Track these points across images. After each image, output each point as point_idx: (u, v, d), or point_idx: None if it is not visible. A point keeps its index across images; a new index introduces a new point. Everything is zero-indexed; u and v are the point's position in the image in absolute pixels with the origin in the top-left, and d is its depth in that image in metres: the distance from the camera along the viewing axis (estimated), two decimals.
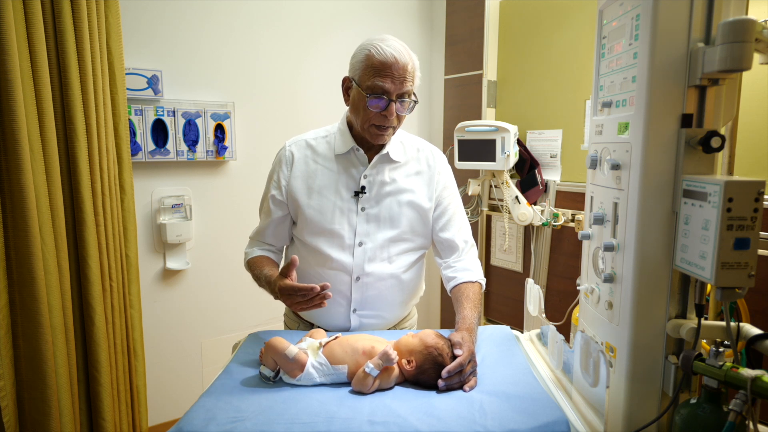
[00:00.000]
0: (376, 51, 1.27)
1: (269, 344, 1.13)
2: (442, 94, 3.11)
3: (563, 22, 2.30)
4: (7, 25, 1.66)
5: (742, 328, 0.89)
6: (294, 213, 1.45)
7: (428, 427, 0.92)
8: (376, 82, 1.27)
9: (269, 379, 1.12)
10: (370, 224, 1.39)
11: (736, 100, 0.88)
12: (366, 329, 1.42)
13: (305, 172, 1.42)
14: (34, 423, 1.83)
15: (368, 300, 1.40)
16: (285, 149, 1.47)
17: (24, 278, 1.78)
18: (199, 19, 2.38)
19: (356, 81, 1.32)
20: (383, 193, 1.40)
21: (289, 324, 1.56)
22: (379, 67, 1.27)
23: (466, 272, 1.42)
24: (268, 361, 1.13)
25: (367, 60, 1.29)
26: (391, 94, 1.28)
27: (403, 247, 1.42)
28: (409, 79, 1.30)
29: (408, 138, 1.50)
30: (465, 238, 1.47)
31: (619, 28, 0.95)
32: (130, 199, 2.14)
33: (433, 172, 1.46)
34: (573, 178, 2.35)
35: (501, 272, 2.74)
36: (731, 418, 0.74)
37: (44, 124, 1.82)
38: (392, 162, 1.42)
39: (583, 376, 1.02)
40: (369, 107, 1.30)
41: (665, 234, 0.87)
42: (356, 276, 1.38)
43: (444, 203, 1.46)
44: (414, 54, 1.34)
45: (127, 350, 2.16)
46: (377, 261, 1.39)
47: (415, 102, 1.35)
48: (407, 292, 1.47)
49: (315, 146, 1.45)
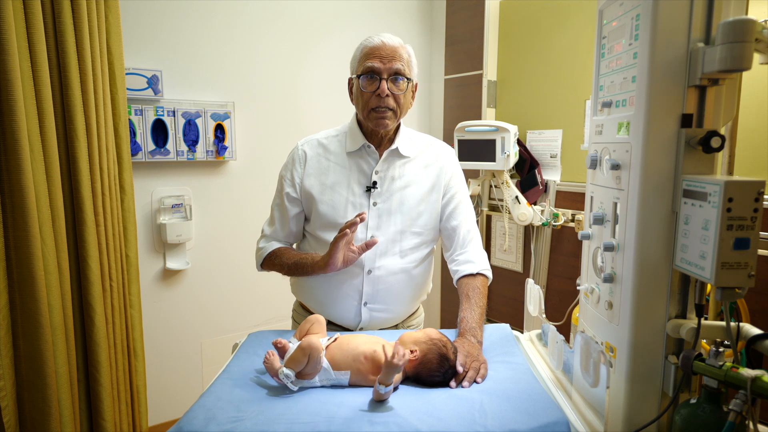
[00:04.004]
0: (368, 41, 1.39)
1: (312, 345, 1.06)
2: (442, 94, 3.11)
3: (563, 22, 2.30)
4: (7, 25, 1.66)
5: (742, 328, 0.89)
6: (308, 209, 1.49)
7: (428, 427, 0.92)
8: (366, 63, 1.36)
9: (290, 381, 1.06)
10: (382, 218, 1.42)
11: (736, 100, 0.88)
12: (376, 324, 1.44)
13: (318, 170, 1.46)
14: (34, 423, 1.83)
15: (379, 294, 1.43)
16: (298, 148, 1.51)
17: (24, 278, 1.78)
18: (199, 19, 2.38)
19: (353, 73, 1.41)
20: (394, 188, 1.44)
21: (298, 319, 1.57)
22: (369, 53, 1.37)
23: (468, 264, 1.45)
24: (299, 362, 1.06)
25: (360, 51, 1.40)
26: (381, 73, 1.35)
27: (415, 241, 1.45)
28: (399, 59, 1.36)
29: (418, 135, 1.55)
30: (469, 228, 1.50)
31: (619, 28, 0.95)
32: (130, 199, 2.14)
33: (442, 164, 1.50)
34: (573, 178, 2.35)
35: (501, 272, 2.74)
36: (731, 418, 0.74)
37: (44, 124, 1.81)
38: (402, 157, 1.47)
39: (583, 376, 1.02)
40: (362, 90, 1.37)
41: (665, 234, 0.87)
42: (368, 269, 1.41)
43: (451, 192, 1.50)
44: (409, 46, 1.42)
45: (127, 350, 2.16)
46: (389, 255, 1.42)
47: (409, 80, 1.39)
48: (416, 287, 1.49)
49: (327, 145, 1.49)
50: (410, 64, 1.40)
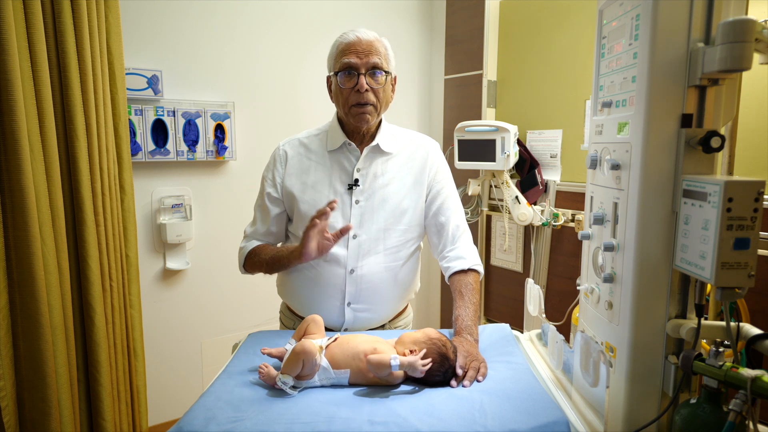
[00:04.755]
0: (342, 38, 1.38)
1: (306, 349, 1.06)
2: (442, 94, 3.11)
3: (563, 22, 2.30)
4: (7, 25, 1.66)
5: (742, 328, 0.89)
6: (290, 209, 1.48)
7: (428, 427, 0.92)
8: (343, 60, 1.35)
9: (290, 388, 1.06)
10: (365, 216, 1.40)
11: (736, 100, 0.88)
12: (360, 324, 1.42)
13: (299, 169, 1.46)
14: (34, 423, 1.83)
15: (362, 293, 1.40)
16: (279, 149, 1.51)
17: (24, 278, 1.78)
18: (199, 19, 2.38)
19: (331, 71, 1.41)
20: (377, 185, 1.42)
21: (285, 321, 1.57)
22: (345, 49, 1.36)
23: (459, 261, 1.43)
24: (293, 367, 1.07)
25: (336, 48, 1.39)
26: (358, 68, 1.34)
27: (399, 239, 1.43)
28: (375, 53, 1.35)
29: (400, 131, 1.52)
30: (457, 223, 1.47)
31: (619, 28, 0.95)
32: (130, 199, 2.14)
33: (425, 159, 1.48)
34: (573, 178, 2.35)
35: (501, 272, 2.74)
36: (731, 418, 0.74)
37: (44, 124, 1.81)
38: (384, 153, 1.45)
39: (583, 376, 1.02)
40: (341, 86, 1.36)
41: (665, 234, 0.87)
42: (350, 269, 1.39)
43: (436, 187, 1.47)
44: (385, 39, 1.41)
45: (127, 350, 2.16)
46: (372, 254, 1.40)
47: (387, 73, 1.38)
48: (401, 286, 1.47)
49: (308, 144, 1.49)
50: (387, 57, 1.39)
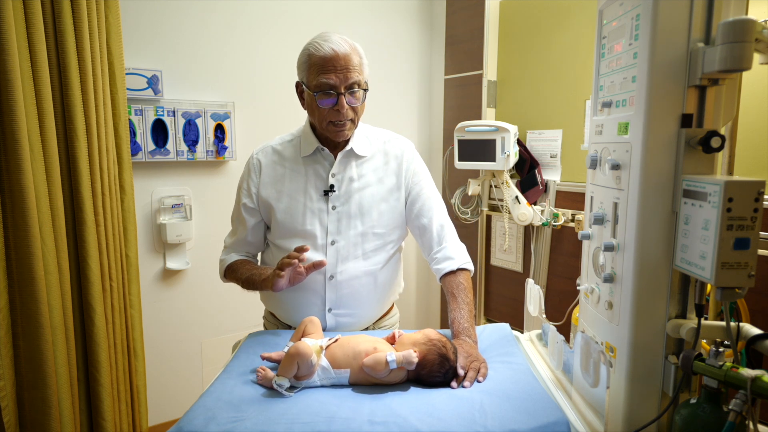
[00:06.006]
0: (315, 49, 1.28)
1: (299, 351, 1.07)
2: (442, 94, 3.11)
3: (563, 22, 2.30)
4: (7, 25, 1.66)
5: (742, 328, 0.89)
6: (267, 218, 1.47)
7: (428, 427, 0.92)
8: (321, 79, 1.28)
9: (287, 389, 1.06)
10: (342, 222, 1.39)
11: (736, 100, 0.88)
12: (343, 328, 1.42)
13: (273, 178, 1.44)
14: (34, 423, 1.83)
15: (343, 299, 1.39)
16: (252, 158, 1.49)
17: (24, 278, 1.78)
18: (199, 19, 2.38)
19: (305, 83, 1.34)
20: (353, 189, 1.40)
21: (268, 326, 1.57)
22: (321, 64, 1.27)
23: (448, 262, 1.41)
24: (289, 369, 1.07)
25: (309, 60, 1.30)
26: (338, 88, 1.28)
27: (377, 243, 1.42)
28: (353, 69, 1.29)
29: (374, 131, 1.50)
30: (441, 222, 1.45)
31: (619, 28, 0.95)
32: (130, 199, 2.14)
33: (401, 160, 1.46)
34: (573, 178, 2.35)
35: (501, 272, 2.74)
36: (731, 418, 0.74)
37: (44, 124, 1.81)
38: (358, 157, 1.43)
39: (583, 376, 1.02)
40: (320, 106, 1.31)
41: (665, 234, 0.87)
42: (330, 275, 1.38)
43: (416, 189, 1.45)
44: (357, 44, 1.34)
45: (127, 350, 2.16)
46: (351, 259, 1.39)
47: (365, 91, 1.34)
48: (382, 289, 1.45)
49: (281, 151, 1.47)
50: (362, 66, 1.33)
